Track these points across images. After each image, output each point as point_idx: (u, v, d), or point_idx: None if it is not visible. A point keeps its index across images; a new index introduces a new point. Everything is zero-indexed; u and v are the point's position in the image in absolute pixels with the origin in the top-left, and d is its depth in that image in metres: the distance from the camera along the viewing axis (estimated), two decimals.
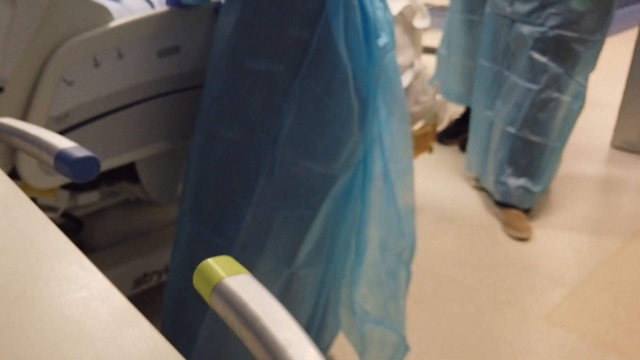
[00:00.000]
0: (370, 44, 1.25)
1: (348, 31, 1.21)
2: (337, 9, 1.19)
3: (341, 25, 1.20)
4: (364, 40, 1.24)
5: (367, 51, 1.25)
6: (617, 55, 3.66)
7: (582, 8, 2.12)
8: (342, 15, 1.20)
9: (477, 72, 2.51)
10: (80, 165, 0.64)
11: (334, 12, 1.19)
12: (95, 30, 1.28)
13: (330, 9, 1.19)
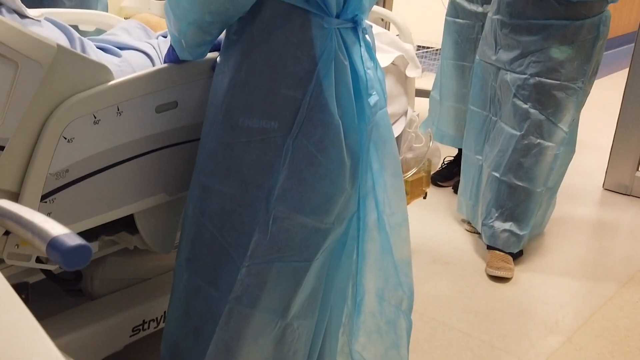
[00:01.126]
0: (361, 102, 1.29)
1: (339, 90, 1.25)
2: (328, 69, 1.23)
3: (332, 84, 1.24)
4: (355, 98, 1.28)
5: (358, 109, 1.28)
6: (609, 97, 3.72)
7: (562, 56, 2.18)
8: (334, 75, 1.24)
9: (468, 116, 2.57)
10: (72, 254, 0.65)
11: (326, 72, 1.23)
12: (96, 89, 1.32)
13: (322, 69, 1.23)
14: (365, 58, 1.29)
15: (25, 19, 1.62)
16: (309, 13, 1.21)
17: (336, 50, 1.24)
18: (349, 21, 1.26)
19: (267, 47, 1.24)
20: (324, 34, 1.23)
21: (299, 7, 1.21)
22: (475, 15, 2.79)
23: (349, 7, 1.25)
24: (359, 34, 1.29)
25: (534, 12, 2.19)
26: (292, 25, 1.22)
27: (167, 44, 1.82)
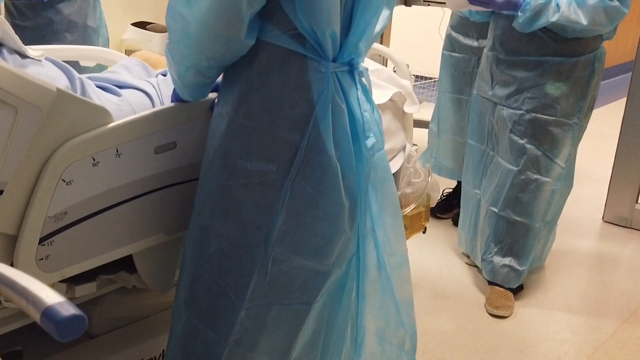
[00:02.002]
0: (359, 144, 1.29)
1: (337, 133, 1.26)
2: (325, 112, 1.24)
3: (330, 127, 1.24)
4: (353, 140, 1.28)
5: (356, 151, 1.29)
6: (606, 127, 3.73)
7: (557, 93, 2.20)
8: (331, 118, 1.24)
9: (466, 150, 2.58)
10: (67, 325, 0.64)
11: (323, 115, 1.24)
12: (95, 131, 1.33)
13: (320, 112, 1.24)
14: (362, 100, 1.30)
15: (26, 59, 1.64)
16: (306, 57, 1.23)
17: (333, 93, 1.25)
18: (345, 64, 1.28)
19: (265, 91, 1.25)
20: (321, 77, 1.24)
21: (296, 51, 1.22)
22: (471, 49, 2.82)
23: (345, 51, 1.26)
24: (356, 76, 1.30)
25: (528, 49, 2.21)
26: (289, 69, 1.23)
27: (167, 83, 1.84)
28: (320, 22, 1.19)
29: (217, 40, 1.20)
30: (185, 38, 1.22)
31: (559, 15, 2.05)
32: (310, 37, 1.21)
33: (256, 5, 1.17)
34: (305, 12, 1.18)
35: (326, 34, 1.21)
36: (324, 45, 1.22)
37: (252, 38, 1.21)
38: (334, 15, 1.20)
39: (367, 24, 1.27)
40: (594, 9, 2.04)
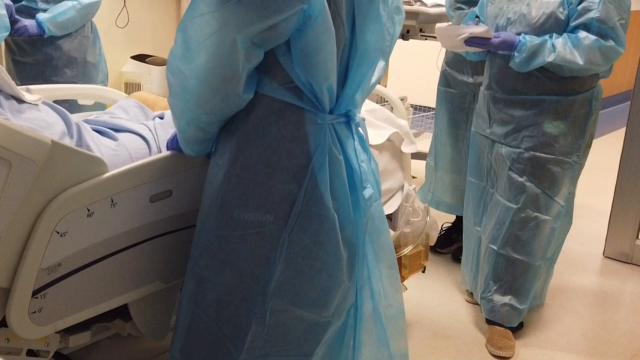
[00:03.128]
0: (356, 194, 1.29)
1: (334, 184, 1.25)
2: (323, 163, 1.24)
3: (327, 178, 1.24)
4: (350, 191, 1.28)
5: (353, 201, 1.28)
6: (606, 158, 3.72)
7: (556, 131, 2.19)
8: (328, 169, 1.24)
9: (467, 187, 2.56)
10: None
11: (320, 166, 1.23)
12: (90, 182, 1.32)
13: (317, 164, 1.23)
14: (359, 151, 1.30)
15: (23, 104, 1.64)
16: (303, 109, 1.23)
17: (330, 145, 1.25)
18: (342, 116, 1.28)
19: (262, 143, 1.25)
20: (318, 129, 1.24)
21: (293, 104, 1.22)
22: (467, 85, 2.82)
23: (342, 103, 1.27)
24: (352, 127, 1.30)
25: (525, 88, 2.21)
26: (286, 121, 1.23)
27: (164, 126, 1.84)
28: (317, 76, 1.19)
29: (215, 95, 1.20)
30: (184, 93, 1.22)
31: (555, 56, 2.06)
32: (307, 90, 1.21)
33: (254, 60, 1.17)
34: (302, 66, 1.18)
35: (323, 87, 1.21)
36: (320, 98, 1.22)
37: (251, 92, 1.22)
38: (330, 69, 1.20)
39: (363, 77, 1.27)
40: (589, 49, 2.05)
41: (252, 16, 1.11)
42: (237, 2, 1.10)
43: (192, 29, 1.16)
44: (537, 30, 2.12)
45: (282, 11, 1.11)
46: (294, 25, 1.14)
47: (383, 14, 1.26)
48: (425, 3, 3.37)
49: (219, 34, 1.13)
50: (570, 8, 2.08)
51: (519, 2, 2.20)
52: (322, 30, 1.16)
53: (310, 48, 1.16)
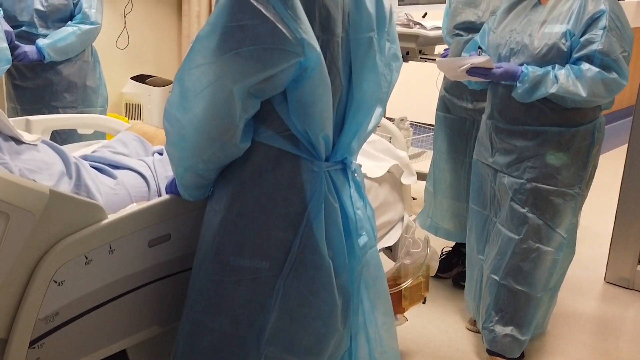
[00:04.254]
0: (351, 241, 1.28)
1: (330, 231, 1.25)
2: (318, 211, 1.23)
3: (323, 226, 1.24)
4: (346, 238, 1.27)
5: (348, 248, 1.28)
6: (607, 176, 3.69)
7: (558, 163, 2.18)
8: (324, 216, 1.24)
9: (470, 215, 2.55)
10: None
11: (316, 214, 1.23)
12: (88, 230, 1.31)
13: (313, 211, 1.23)
14: (354, 198, 1.30)
15: (21, 145, 1.63)
16: (299, 157, 1.23)
17: (326, 192, 1.25)
18: (338, 163, 1.28)
19: (258, 190, 1.25)
20: (314, 177, 1.24)
21: (289, 151, 1.22)
22: (466, 111, 2.80)
23: (338, 151, 1.27)
24: (349, 174, 1.30)
25: (527, 118, 2.20)
26: (282, 169, 1.23)
27: (163, 163, 1.83)
28: (313, 126, 1.19)
29: (212, 145, 1.20)
30: (181, 142, 1.22)
31: (558, 87, 2.05)
32: (304, 139, 1.22)
33: (250, 110, 1.17)
34: (298, 116, 1.19)
35: (319, 136, 1.21)
36: (317, 147, 1.23)
37: (248, 141, 1.22)
38: (326, 119, 1.21)
39: (359, 125, 1.27)
40: (592, 81, 2.04)
41: (249, 68, 1.11)
42: (233, 54, 1.10)
43: (190, 79, 1.16)
44: (539, 61, 2.12)
45: (279, 64, 1.11)
46: (290, 77, 1.15)
47: (380, 63, 1.27)
48: (425, 26, 3.38)
49: (215, 85, 1.13)
50: (573, 40, 2.08)
51: (521, 32, 2.20)
52: (319, 82, 1.16)
53: (307, 99, 1.17)
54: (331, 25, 1.18)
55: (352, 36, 1.23)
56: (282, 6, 1.10)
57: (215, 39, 1.11)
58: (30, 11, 2.88)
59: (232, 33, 1.10)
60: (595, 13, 2.05)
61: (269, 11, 1.09)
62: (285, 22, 1.10)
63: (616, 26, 2.04)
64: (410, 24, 3.45)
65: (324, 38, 1.18)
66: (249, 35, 1.10)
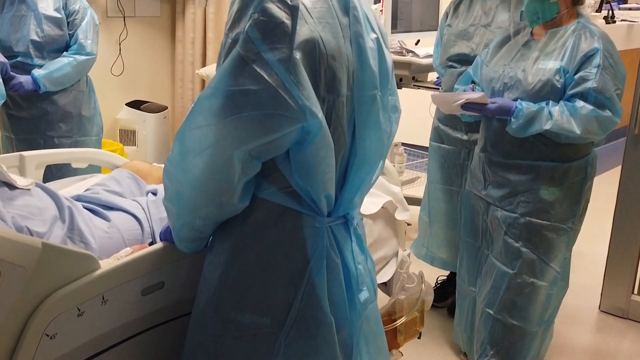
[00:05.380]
0: (352, 295, 1.28)
1: (331, 287, 1.24)
2: (320, 267, 1.23)
3: (325, 282, 1.23)
4: (347, 293, 1.27)
5: (349, 302, 1.27)
6: (601, 200, 3.68)
7: (551, 198, 2.19)
8: (326, 272, 1.23)
9: (461, 246, 2.55)
10: None
11: (318, 270, 1.22)
12: (81, 281, 1.30)
13: (314, 268, 1.22)
14: (356, 253, 1.29)
15: (14, 190, 1.63)
16: (301, 213, 1.22)
17: (328, 248, 1.24)
18: (340, 218, 1.27)
19: (259, 246, 1.23)
20: (316, 233, 1.23)
21: (292, 208, 1.21)
22: (461, 142, 2.80)
23: (340, 207, 1.26)
24: (350, 228, 1.29)
25: (521, 153, 2.21)
26: (284, 225, 1.22)
27: (157, 204, 1.82)
28: (316, 186, 1.19)
29: (210, 204, 1.19)
30: (179, 199, 1.22)
31: (552, 124, 2.06)
32: (306, 196, 1.21)
33: (251, 173, 1.17)
34: (301, 176, 1.18)
35: (321, 196, 1.21)
36: (319, 203, 1.22)
37: (246, 201, 1.21)
38: (329, 181, 1.20)
39: (362, 181, 1.27)
40: (586, 119, 2.05)
41: (250, 133, 1.10)
42: (234, 118, 1.10)
43: (190, 139, 1.15)
44: (533, 97, 2.13)
45: (280, 129, 1.11)
46: (292, 140, 1.14)
47: (382, 120, 1.26)
48: (417, 54, 3.39)
49: (215, 147, 1.12)
50: (567, 76, 2.09)
51: (515, 67, 2.21)
52: (321, 145, 1.16)
53: (309, 161, 1.16)
54: (337, 86, 1.18)
55: (357, 94, 1.22)
56: (284, 72, 1.09)
57: (217, 102, 1.11)
58: (26, 42, 2.89)
59: (234, 97, 1.10)
60: (589, 51, 2.06)
61: (271, 77, 1.09)
62: (287, 88, 1.09)
63: (610, 64, 2.06)
64: (404, 52, 3.47)
65: (330, 99, 1.18)
66: (250, 100, 1.09)
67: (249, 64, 1.10)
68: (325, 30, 1.15)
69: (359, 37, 1.22)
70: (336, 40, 1.17)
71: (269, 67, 1.09)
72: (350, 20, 1.21)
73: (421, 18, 3.69)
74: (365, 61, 1.22)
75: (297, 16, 1.11)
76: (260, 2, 1.11)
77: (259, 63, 1.09)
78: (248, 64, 1.10)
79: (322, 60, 1.14)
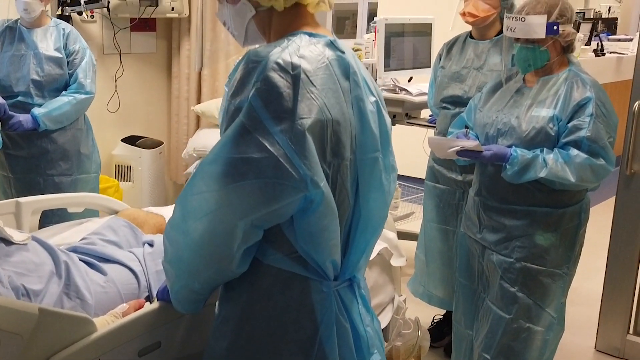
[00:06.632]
0: (362, 358, 1.27)
1: (342, 353, 1.24)
2: (330, 333, 1.22)
3: (335, 349, 1.23)
4: (358, 357, 1.26)
5: None
6: (595, 233, 3.67)
7: (547, 243, 2.19)
8: (336, 338, 1.22)
9: (457, 288, 2.55)
10: None
11: (328, 336, 1.22)
12: (76, 345, 1.30)
13: (324, 334, 1.22)
14: (363, 315, 1.29)
15: (11, 246, 1.63)
16: (308, 279, 1.21)
17: (336, 313, 1.23)
18: (346, 281, 1.27)
19: (267, 313, 1.23)
20: (324, 297, 1.22)
21: (299, 273, 1.21)
22: (455, 182, 2.82)
23: (346, 270, 1.26)
24: (356, 289, 1.29)
25: (515, 198, 2.22)
26: (292, 291, 1.22)
27: (153, 257, 1.83)
28: (321, 253, 1.19)
29: (209, 269, 1.20)
30: (178, 262, 1.22)
31: (547, 172, 2.07)
32: (312, 262, 1.21)
33: (252, 241, 1.17)
34: (306, 242, 1.18)
35: (327, 262, 1.21)
36: (325, 268, 1.22)
37: (245, 266, 1.21)
38: (334, 247, 1.21)
39: (366, 243, 1.27)
40: (581, 167, 2.06)
41: (252, 202, 1.11)
42: (236, 186, 1.10)
43: (191, 204, 1.16)
44: (527, 144, 2.15)
45: (282, 199, 1.11)
46: (295, 209, 1.15)
47: (385, 182, 1.27)
48: (410, 92, 3.43)
49: (216, 214, 1.13)
50: (560, 124, 2.11)
51: (508, 113, 2.23)
52: (325, 213, 1.16)
53: (314, 229, 1.17)
54: (341, 150, 1.19)
55: (359, 157, 1.23)
56: (287, 142, 1.10)
57: (219, 168, 1.11)
58: (27, 81, 2.91)
59: (235, 165, 1.10)
60: (581, 100, 2.09)
61: (274, 146, 1.10)
62: (289, 158, 1.10)
63: (602, 113, 2.08)
64: (397, 90, 3.51)
65: (335, 163, 1.18)
66: (252, 168, 1.10)
67: (251, 133, 1.11)
68: (329, 97, 1.17)
69: (360, 101, 1.23)
70: (339, 105, 1.19)
71: (271, 137, 1.10)
72: (351, 85, 1.22)
73: (413, 55, 3.74)
74: (366, 124, 1.24)
75: (299, 85, 1.12)
76: (263, 71, 1.13)
77: (262, 132, 1.10)
78: (251, 132, 1.11)
79: (327, 126, 1.16)
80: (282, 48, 1.16)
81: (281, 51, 1.15)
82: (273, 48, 1.16)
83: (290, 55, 1.15)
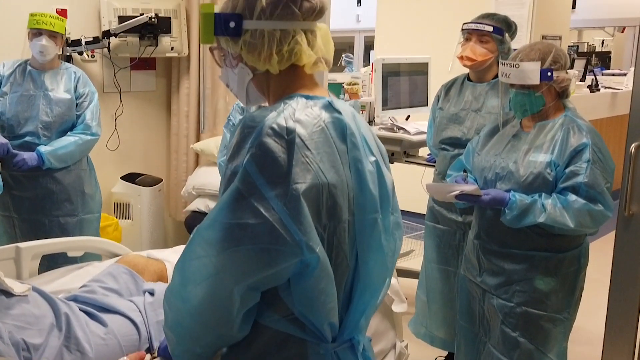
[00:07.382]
0: None
1: None
2: None
3: None
4: None
5: None
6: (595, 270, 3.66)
7: (547, 288, 2.19)
8: None
9: (458, 331, 2.54)
10: None
11: None
12: None
13: None
14: None
15: (12, 298, 1.63)
16: (306, 341, 1.21)
17: None
18: (346, 342, 1.25)
19: None
20: (321, 359, 1.21)
21: (295, 335, 1.20)
22: (455, 223, 2.82)
23: (345, 331, 1.25)
24: (358, 351, 1.27)
25: (515, 242, 2.23)
26: (288, 352, 1.21)
27: (154, 307, 1.82)
28: (318, 315, 1.19)
29: (209, 334, 1.19)
30: (178, 327, 1.21)
31: (546, 217, 2.08)
32: (309, 324, 1.20)
33: (249, 304, 1.16)
34: (303, 305, 1.18)
35: (324, 324, 1.20)
36: (323, 330, 1.21)
37: (246, 330, 1.20)
38: (331, 310, 1.20)
39: (366, 304, 1.26)
40: (579, 212, 2.07)
41: (248, 267, 1.11)
42: (232, 251, 1.11)
43: (190, 269, 1.16)
44: (525, 189, 2.16)
45: (277, 264, 1.11)
46: (291, 273, 1.14)
47: (385, 244, 1.26)
48: (408, 130, 3.46)
49: (214, 279, 1.13)
50: (558, 170, 2.13)
51: (506, 158, 2.25)
52: (321, 277, 1.16)
53: (310, 292, 1.16)
54: (338, 213, 1.19)
55: (358, 218, 1.22)
56: (282, 207, 1.10)
57: (215, 234, 1.12)
58: (36, 121, 2.95)
59: (231, 230, 1.11)
60: (578, 146, 2.11)
61: (269, 212, 1.10)
62: (284, 224, 1.10)
63: (599, 159, 2.10)
64: (395, 129, 3.53)
65: (331, 225, 1.18)
66: (248, 234, 1.10)
67: (247, 198, 1.11)
68: (324, 160, 1.17)
69: (358, 162, 1.23)
70: (335, 168, 1.19)
71: (266, 202, 1.10)
72: (348, 147, 1.22)
73: (410, 94, 3.77)
74: (365, 186, 1.23)
75: (294, 150, 1.13)
76: (258, 137, 1.13)
77: (257, 197, 1.11)
78: (246, 197, 1.11)
79: (323, 190, 1.16)
80: (277, 112, 1.17)
81: (276, 116, 1.16)
82: (269, 112, 1.17)
83: (286, 120, 1.15)
